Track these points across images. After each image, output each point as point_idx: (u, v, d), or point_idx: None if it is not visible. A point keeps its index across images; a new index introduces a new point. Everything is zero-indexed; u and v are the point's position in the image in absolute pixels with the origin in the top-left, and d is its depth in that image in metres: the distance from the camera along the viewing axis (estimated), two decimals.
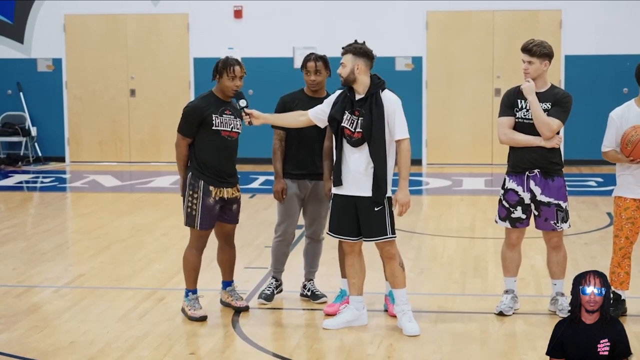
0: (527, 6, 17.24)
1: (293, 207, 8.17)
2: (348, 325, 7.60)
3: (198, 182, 7.77)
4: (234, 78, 7.77)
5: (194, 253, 7.91)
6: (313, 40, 17.50)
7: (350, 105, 7.40)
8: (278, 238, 8.28)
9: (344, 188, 7.43)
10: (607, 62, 17.12)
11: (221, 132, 7.77)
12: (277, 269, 8.35)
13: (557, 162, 7.76)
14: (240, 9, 17.84)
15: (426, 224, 11.94)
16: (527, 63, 7.69)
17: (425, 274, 9.35)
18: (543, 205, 7.71)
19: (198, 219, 7.79)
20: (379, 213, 7.37)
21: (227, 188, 7.86)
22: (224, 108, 7.83)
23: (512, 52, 15.89)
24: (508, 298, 7.96)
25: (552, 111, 7.63)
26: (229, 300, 8.16)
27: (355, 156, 7.37)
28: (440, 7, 17.38)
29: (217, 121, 7.76)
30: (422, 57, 17.36)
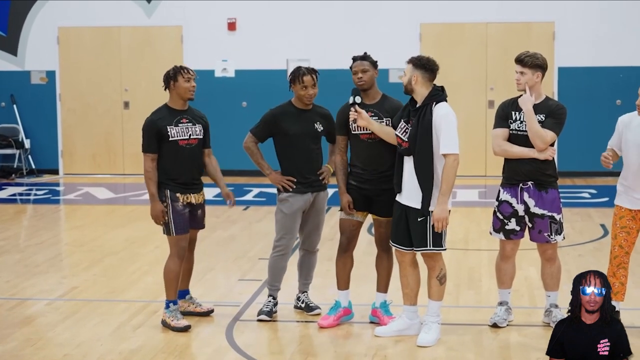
0: (520, 18, 17.26)
1: (297, 221, 8.16)
2: (400, 334, 7.64)
3: (164, 192, 7.87)
4: (190, 79, 7.87)
5: (176, 262, 7.92)
6: (307, 52, 17.51)
7: (407, 114, 7.48)
8: (279, 252, 8.20)
9: (401, 197, 7.51)
10: (600, 74, 17.15)
11: (179, 142, 7.85)
12: (274, 286, 8.26)
13: (551, 174, 7.76)
14: (234, 21, 17.86)
15: None
16: (519, 74, 7.71)
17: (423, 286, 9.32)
18: (537, 218, 7.72)
19: (172, 225, 7.84)
20: (421, 224, 7.40)
21: (193, 194, 7.95)
22: (179, 117, 7.92)
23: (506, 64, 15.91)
24: (502, 310, 7.96)
25: (546, 123, 7.64)
26: (190, 309, 8.20)
27: (409, 166, 7.43)
28: (433, 19, 17.40)
29: (172, 132, 7.84)
30: None
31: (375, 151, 7.80)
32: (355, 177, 7.89)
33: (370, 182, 7.83)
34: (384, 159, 7.79)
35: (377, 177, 7.82)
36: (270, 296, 8.25)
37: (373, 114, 7.81)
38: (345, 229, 8.00)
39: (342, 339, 7.68)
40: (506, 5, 17.27)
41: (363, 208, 7.92)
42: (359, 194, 7.87)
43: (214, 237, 11.56)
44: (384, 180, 7.80)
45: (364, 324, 7.98)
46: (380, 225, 7.95)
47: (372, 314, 8.07)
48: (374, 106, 7.86)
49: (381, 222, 7.93)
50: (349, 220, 7.95)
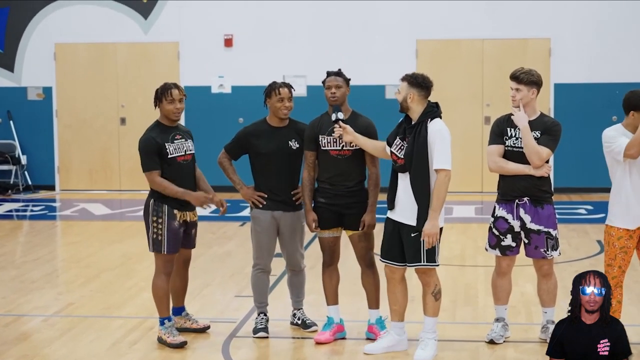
0: (516, 34, 17.30)
1: (271, 238, 8.14)
2: (389, 351, 7.65)
3: (162, 207, 7.82)
4: (173, 101, 7.86)
5: (163, 279, 7.91)
6: (303, 68, 17.54)
7: (402, 131, 7.50)
8: (258, 270, 8.19)
9: (394, 213, 7.51)
10: (596, 90, 17.18)
11: (177, 159, 7.87)
12: (261, 303, 8.24)
13: (546, 190, 7.77)
14: (231, 37, 17.88)
15: None
16: (515, 90, 7.72)
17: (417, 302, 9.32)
18: (533, 233, 7.72)
19: (164, 243, 7.82)
20: (414, 239, 7.41)
21: (188, 212, 7.93)
22: (173, 134, 7.94)
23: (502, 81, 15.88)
24: (499, 326, 7.95)
25: (541, 140, 7.65)
26: (187, 325, 8.20)
27: (404, 182, 7.45)
28: (430, 35, 17.44)
29: (170, 149, 7.86)
30: None
31: (344, 167, 7.84)
32: (324, 194, 7.90)
33: (339, 197, 7.87)
34: (352, 175, 7.84)
35: (345, 192, 7.86)
36: (261, 313, 8.23)
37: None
38: (325, 246, 8.05)
39: (337, 355, 7.67)
40: (502, 22, 17.31)
41: (335, 224, 7.95)
42: (329, 210, 7.89)
43: (210, 253, 11.55)
44: (351, 195, 7.85)
45: (360, 340, 7.97)
46: (358, 240, 7.95)
47: (368, 331, 8.07)
48: (344, 122, 7.86)
49: (358, 236, 7.92)
50: (325, 237, 7.99)
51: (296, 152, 8.07)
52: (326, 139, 7.88)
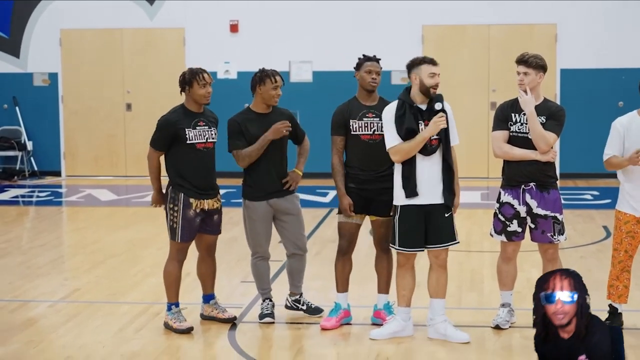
0: (522, 20, 17.26)
1: (267, 226, 8.12)
2: (395, 336, 7.66)
3: (178, 195, 7.80)
4: (205, 85, 7.82)
5: (175, 265, 7.91)
6: (309, 54, 17.52)
7: (420, 115, 7.50)
8: (257, 258, 8.17)
9: (419, 199, 7.48)
10: (602, 76, 17.15)
11: (196, 145, 7.81)
12: (265, 289, 8.23)
13: (552, 175, 7.77)
14: (237, 23, 17.86)
15: None
16: (523, 74, 7.70)
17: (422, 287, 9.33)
18: (540, 218, 7.72)
19: (179, 231, 7.81)
20: (449, 218, 7.55)
21: (207, 199, 7.88)
22: (197, 120, 7.88)
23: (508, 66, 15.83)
24: (504, 311, 7.96)
25: (547, 125, 7.64)
26: (214, 314, 8.16)
27: (427, 164, 7.47)
28: (436, 21, 17.41)
29: (190, 134, 7.80)
30: None
31: (376, 152, 7.83)
32: (354, 179, 7.89)
33: (369, 182, 7.85)
34: (383, 160, 7.82)
35: (375, 177, 7.84)
36: (266, 299, 8.22)
37: (374, 114, 7.84)
38: (345, 232, 8.01)
39: (344, 340, 7.68)
40: (508, 7, 17.27)
41: (362, 210, 7.93)
42: (359, 195, 7.87)
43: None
44: (382, 180, 7.84)
45: (366, 326, 7.98)
46: (380, 226, 7.96)
47: (374, 316, 8.08)
48: (374, 107, 7.89)
49: (382, 222, 7.94)
50: (348, 223, 7.96)
51: (285, 137, 8.08)
52: (357, 123, 7.86)
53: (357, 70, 7.98)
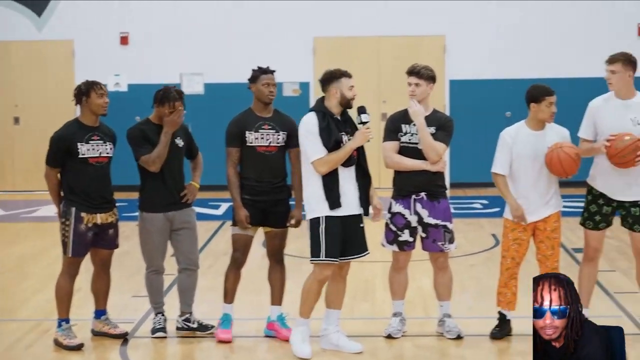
0: (411, 32, 17.47)
1: (163, 239, 8.05)
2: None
3: (70, 209, 7.72)
4: (103, 95, 7.76)
5: (67, 280, 7.81)
6: (200, 66, 17.46)
7: (341, 126, 7.54)
8: (152, 271, 8.10)
9: (341, 209, 7.44)
10: (490, 87, 17.44)
11: (89, 160, 7.72)
12: (158, 303, 8.16)
13: (441, 185, 7.89)
14: (127, 35, 17.71)
15: None
16: (414, 85, 7.81)
17: None
18: (431, 227, 7.81)
19: (70, 245, 7.72)
20: (363, 229, 7.61)
21: (100, 214, 7.79)
22: (91, 134, 7.79)
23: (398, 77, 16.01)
24: (396, 321, 8.03)
25: (437, 135, 7.75)
26: (105, 330, 8.06)
27: (348, 175, 7.46)
28: (327, 33, 17.52)
29: (82, 149, 7.71)
30: (309, 83, 17.48)
31: (271, 163, 7.84)
32: (249, 191, 7.87)
33: (264, 193, 7.85)
34: (278, 171, 7.84)
35: (271, 188, 7.86)
36: (158, 313, 8.15)
37: (270, 126, 7.85)
38: (240, 244, 7.99)
39: (237, 353, 7.67)
40: (398, 19, 17.46)
41: (257, 222, 7.92)
42: (254, 207, 7.86)
43: None
44: (277, 191, 7.87)
45: (259, 338, 7.98)
46: (274, 237, 7.98)
47: (267, 328, 8.07)
48: (270, 119, 7.90)
49: (276, 233, 7.96)
50: (243, 235, 7.94)
51: (182, 149, 8.04)
52: (253, 135, 7.85)
53: (252, 83, 7.99)
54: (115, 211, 7.98)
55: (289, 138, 7.92)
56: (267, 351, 7.72)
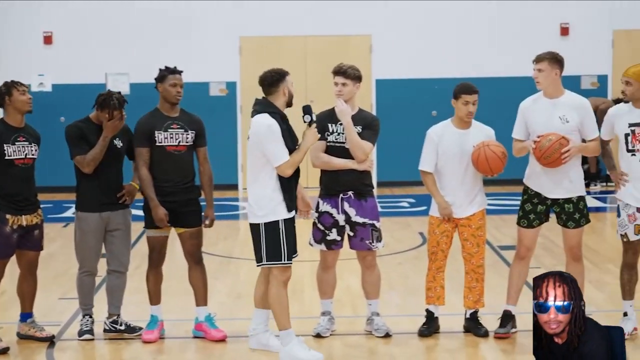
0: (338, 31, 17.51)
1: (98, 240, 7.99)
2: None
3: None
4: (25, 92, 7.70)
5: None
6: (126, 66, 17.32)
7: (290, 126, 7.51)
8: (85, 273, 8.02)
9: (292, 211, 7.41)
10: (416, 86, 17.55)
11: (15, 161, 7.64)
12: (87, 305, 8.08)
13: (369, 184, 7.94)
14: (50, 34, 17.50)
15: (243, 249, 11.92)
16: (342, 85, 7.84)
17: (244, 298, 9.36)
18: (358, 226, 7.84)
19: None
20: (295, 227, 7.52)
21: (25, 215, 7.71)
22: (17, 135, 7.71)
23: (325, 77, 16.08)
24: (325, 320, 8.05)
25: (363, 134, 7.79)
26: (31, 333, 7.96)
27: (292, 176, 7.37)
28: (253, 32, 17.48)
29: (9, 150, 7.63)
30: (236, 82, 17.44)
31: (181, 163, 7.84)
32: (159, 191, 7.84)
33: (175, 194, 7.84)
34: (187, 171, 7.88)
35: (181, 188, 7.85)
36: (86, 315, 8.07)
37: (179, 126, 7.85)
38: (156, 245, 7.99)
39: (165, 354, 7.63)
40: (324, 19, 17.49)
41: (170, 222, 7.90)
42: (165, 207, 7.83)
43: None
44: (187, 191, 7.88)
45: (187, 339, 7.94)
46: (189, 237, 7.96)
47: (196, 329, 8.03)
48: (178, 119, 7.91)
49: (191, 233, 7.94)
50: (158, 236, 7.93)
51: (121, 150, 7.98)
52: (162, 134, 7.82)
53: (159, 82, 7.96)
54: (40, 212, 7.89)
55: (197, 137, 7.94)
56: (196, 351, 7.69)
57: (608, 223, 13.68)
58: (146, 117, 7.95)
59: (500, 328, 7.90)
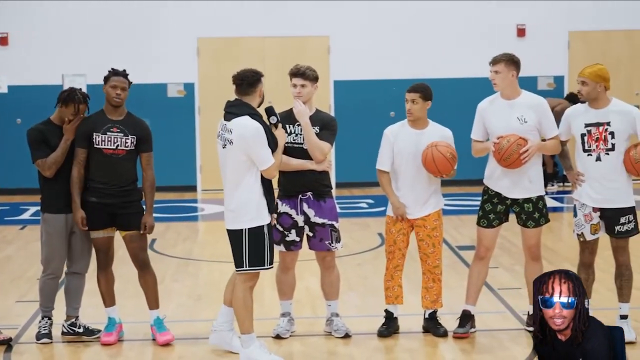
0: (296, 32, 17.52)
1: (63, 243, 7.94)
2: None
3: None
4: None
5: None
6: (83, 67, 17.20)
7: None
8: (49, 276, 7.97)
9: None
10: (374, 87, 17.59)
11: None
12: (48, 307, 8.02)
13: (327, 185, 7.95)
14: (6, 35, 17.36)
15: (202, 250, 11.91)
16: (301, 87, 7.87)
17: (203, 300, 9.34)
18: (318, 226, 7.86)
19: None
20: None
21: None
22: None
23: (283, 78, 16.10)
24: (284, 321, 8.05)
25: (321, 135, 7.80)
26: None
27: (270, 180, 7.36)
28: (211, 33, 17.44)
29: None
30: (194, 84, 17.37)
31: (119, 166, 7.80)
32: (96, 193, 7.80)
33: (112, 196, 7.81)
34: (125, 175, 7.83)
35: (118, 191, 7.82)
36: (45, 317, 8.02)
37: (119, 129, 7.81)
38: (101, 246, 7.94)
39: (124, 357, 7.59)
40: (282, 20, 17.49)
41: (108, 224, 7.88)
42: (102, 210, 7.81)
43: None
44: (125, 194, 7.83)
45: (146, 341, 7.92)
46: (131, 240, 7.91)
47: (152, 332, 8.00)
48: (120, 122, 7.87)
49: (131, 236, 7.89)
50: (101, 238, 7.89)
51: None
52: (100, 137, 7.77)
53: (104, 84, 7.92)
54: None
55: (139, 143, 7.87)
56: (155, 354, 7.66)
57: (565, 223, 13.79)
58: (89, 117, 7.89)
59: (459, 328, 7.94)
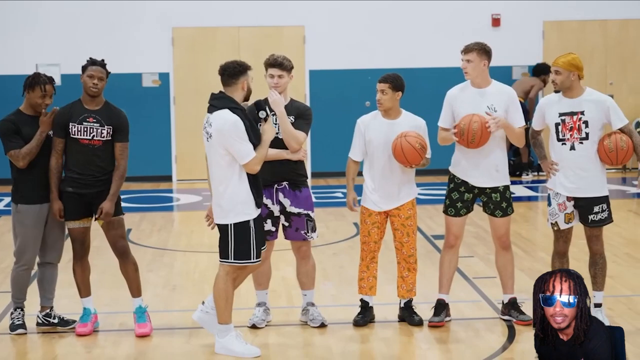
0: (271, 22, 17.49)
1: (38, 233, 7.92)
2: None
3: None
4: None
5: None
6: (57, 56, 17.11)
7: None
8: (22, 267, 7.94)
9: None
10: (349, 77, 17.60)
11: None
12: (19, 298, 8.00)
13: (303, 174, 7.97)
14: None
15: (177, 240, 11.88)
16: (278, 77, 7.89)
17: (179, 290, 9.34)
18: (294, 216, 7.87)
19: None
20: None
21: None
22: None
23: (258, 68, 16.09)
24: (260, 311, 8.06)
25: (296, 124, 7.81)
26: None
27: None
28: (186, 23, 17.38)
29: None
30: (169, 73, 17.31)
31: (95, 157, 7.78)
32: (72, 183, 7.78)
33: (88, 186, 7.79)
34: (102, 165, 7.79)
35: (94, 181, 7.80)
36: (17, 308, 7.99)
37: (95, 120, 7.78)
38: (77, 236, 7.91)
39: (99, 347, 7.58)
40: (257, 10, 17.45)
41: (84, 214, 7.85)
42: (79, 200, 7.79)
43: None
44: (100, 184, 7.79)
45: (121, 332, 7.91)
46: (109, 228, 7.89)
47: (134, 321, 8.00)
48: (97, 112, 7.83)
49: (108, 224, 7.86)
50: (77, 228, 7.86)
51: None
52: (77, 127, 7.75)
53: (82, 73, 7.89)
54: None
55: (115, 133, 7.84)
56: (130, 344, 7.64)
57: (539, 212, 13.84)
58: (66, 107, 7.87)
59: (434, 317, 7.97)
